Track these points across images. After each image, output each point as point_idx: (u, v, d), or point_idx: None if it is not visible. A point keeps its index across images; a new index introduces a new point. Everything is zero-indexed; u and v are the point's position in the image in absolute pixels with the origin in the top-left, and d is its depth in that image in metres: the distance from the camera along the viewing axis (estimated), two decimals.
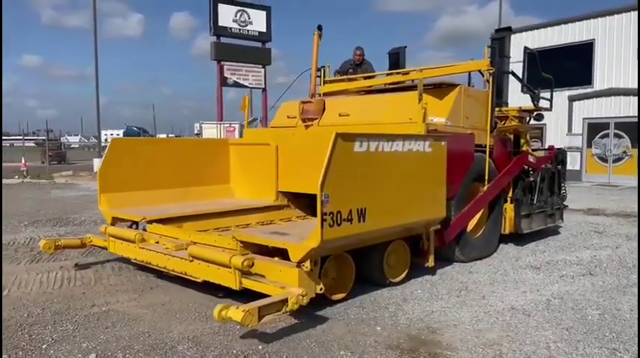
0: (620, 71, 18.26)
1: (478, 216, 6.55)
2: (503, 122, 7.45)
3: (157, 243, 5.17)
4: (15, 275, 5.55)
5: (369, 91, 7.46)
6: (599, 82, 18.64)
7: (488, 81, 6.54)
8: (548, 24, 20.51)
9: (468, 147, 6.16)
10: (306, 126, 7.01)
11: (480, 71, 6.75)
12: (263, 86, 24.79)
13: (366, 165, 4.36)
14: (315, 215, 6.53)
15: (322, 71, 8.09)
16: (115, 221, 5.80)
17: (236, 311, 3.45)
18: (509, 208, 7.02)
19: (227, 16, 23.62)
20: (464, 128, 6.23)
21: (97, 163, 25.97)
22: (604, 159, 17.72)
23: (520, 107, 7.71)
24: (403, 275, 5.27)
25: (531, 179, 7.45)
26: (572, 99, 18.93)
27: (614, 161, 17.40)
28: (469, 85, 7.13)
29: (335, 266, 4.61)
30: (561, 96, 19.74)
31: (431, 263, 5.47)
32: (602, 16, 18.90)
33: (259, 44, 24.40)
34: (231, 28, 23.66)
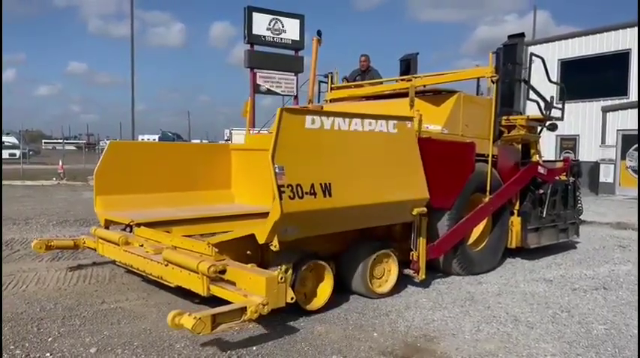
0: None
1: (480, 228, 6.39)
2: (510, 131, 7.26)
3: (142, 246, 5.10)
4: (35, 272, 5.78)
5: (372, 98, 7.40)
6: (635, 93, 18.12)
7: (495, 89, 6.35)
8: (583, 33, 20.08)
9: (466, 156, 6.01)
10: None
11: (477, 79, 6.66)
12: (295, 93, 24.98)
13: (323, 141, 4.39)
14: None
15: (330, 77, 8.12)
16: (109, 223, 5.73)
17: (187, 319, 3.37)
18: (515, 221, 6.80)
19: (261, 24, 23.91)
20: (463, 136, 6.08)
21: None
22: (638, 172, 17.19)
23: (528, 116, 7.46)
24: (390, 287, 5.15)
25: (541, 191, 7.15)
26: (605, 110, 18.46)
27: None
28: (477, 92, 7.03)
29: (313, 275, 4.57)
30: (595, 106, 19.29)
31: (422, 275, 5.24)
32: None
33: (292, 52, 24.68)
34: (264, 37, 23.89)
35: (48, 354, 3.56)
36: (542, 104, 7.14)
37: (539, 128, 7.63)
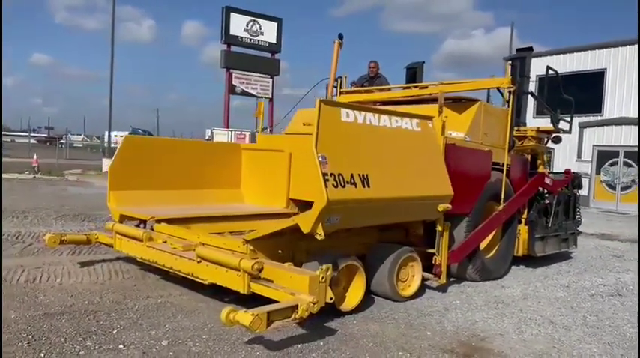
0: (630, 101, 18.57)
1: (491, 235, 6.57)
2: (521, 142, 7.54)
3: (165, 242, 5.08)
4: (62, 266, 5.70)
5: (387, 104, 7.52)
6: (609, 111, 18.95)
7: (508, 99, 6.54)
8: (562, 51, 20.87)
9: (485, 164, 6.22)
10: None
11: (498, 89, 6.93)
12: (270, 96, 25.06)
13: (358, 134, 4.52)
14: None
15: (339, 82, 8.23)
16: (123, 219, 5.67)
17: (244, 315, 3.37)
18: (523, 230, 7.02)
19: (239, 25, 23.95)
20: (482, 144, 6.28)
21: (106, 163, 26.13)
22: (612, 187, 17.97)
23: (538, 127, 7.78)
24: (414, 290, 5.25)
25: (547, 201, 7.45)
26: (582, 126, 19.23)
27: (622, 189, 17.65)
28: (487, 101, 7.26)
29: (346, 275, 4.63)
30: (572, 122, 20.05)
31: (443, 280, 5.38)
32: (615, 47, 19.26)
33: (269, 55, 24.70)
34: (242, 38, 23.96)
35: (121, 345, 3.56)
36: (551, 116, 7.49)
37: (545, 139, 7.96)
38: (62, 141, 39.51)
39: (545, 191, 7.55)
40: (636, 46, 18.78)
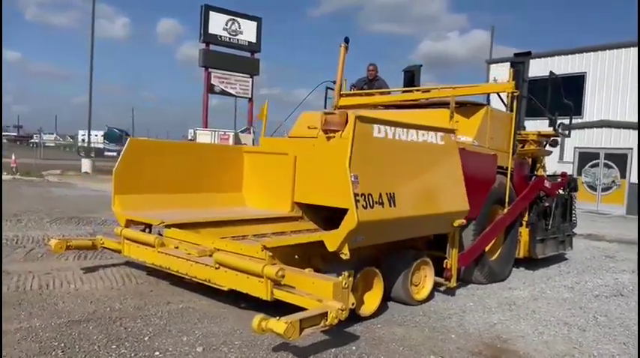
0: (610, 104, 19.08)
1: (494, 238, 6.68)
2: (521, 146, 7.71)
3: (177, 248, 4.99)
4: (72, 271, 5.61)
5: (392, 107, 7.59)
6: (589, 114, 19.41)
7: (510, 104, 6.64)
8: (543, 54, 21.29)
9: (491, 168, 6.33)
10: (328, 138, 6.98)
11: (498, 94, 7.02)
12: (249, 96, 24.95)
13: (387, 151, 4.49)
14: (329, 228, 6.58)
15: (339, 85, 8.25)
16: (129, 223, 5.60)
17: (278, 323, 3.31)
18: (524, 232, 7.15)
19: (218, 24, 23.81)
20: (489, 148, 6.40)
21: (85, 163, 25.66)
22: (593, 188, 18.40)
23: (539, 131, 7.96)
24: (427, 294, 5.30)
25: (546, 204, 7.61)
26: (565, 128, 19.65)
27: (603, 190, 18.10)
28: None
29: (362, 281, 4.64)
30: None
31: (453, 283, 5.46)
32: (595, 51, 19.76)
33: (248, 54, 24.60)
34: (221, 36, 23.82)
35: (157, 353, 3.54)
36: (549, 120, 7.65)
37: (544, 143, 8.14)
38: (33, 140, 38.57)
39: (544, 194, 7.71)
40: (615, 50, 19.34)
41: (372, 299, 4.74)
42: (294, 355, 3.68)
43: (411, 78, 8.78)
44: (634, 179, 17.36)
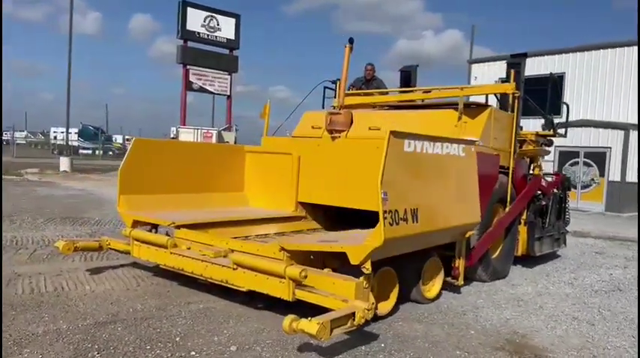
0: (588, 104, 19.58)
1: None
2: (520, 146, 7.90)
3: (189, 248, 5.03)
4: (82, 273, 5.57)
5: (398, 107, 7.69)
6: (569, 113, 19.88)
7: (512, 104, 6.84)
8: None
9: (494, 168, 6.46)
10: (333, 138, 7.05)
11: (495, 95, 7.18)
12: (228, 93, 24.77)
13: (415, 165, 4.46)
14: (332, 228, 6.65)
15: (337, 84, 8.31)
16: (136, 224, 5.59)
17: (310, 324, 3.36)
18: (522, 230, 7.33)
19: (196, 20, 23.55)
20: (493, 149, 6.55)
21: (63, 162, 25.12)
22: (573, 186, 18.84)
23: (537, 132, 8.17)
24: (437, 292, 5.36)
25: (543, 203, 7.84)
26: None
27: (583, 188, 18.57)
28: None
29: (379, 281, 4.65)
30: (531, 124, 20.92)
31: (461, 281, 5.55)
32: (574, 52, 20.24)
33: (227, 51, 24.43)
34: (199, 33, 23.56)
35: (193, 353, 3.57)
36: (545, 120, 7.87)
37: (540, 142, 8.35)
38: (5, 137, 37.61)
39: (540, 193, 7.92)
40: (593, 52, 19.86)
41: (388, 298, 4.81)
42: (325, 353, 3.74)
43: (407, 77, 8.88)
44: (612, 177, 17.88)
